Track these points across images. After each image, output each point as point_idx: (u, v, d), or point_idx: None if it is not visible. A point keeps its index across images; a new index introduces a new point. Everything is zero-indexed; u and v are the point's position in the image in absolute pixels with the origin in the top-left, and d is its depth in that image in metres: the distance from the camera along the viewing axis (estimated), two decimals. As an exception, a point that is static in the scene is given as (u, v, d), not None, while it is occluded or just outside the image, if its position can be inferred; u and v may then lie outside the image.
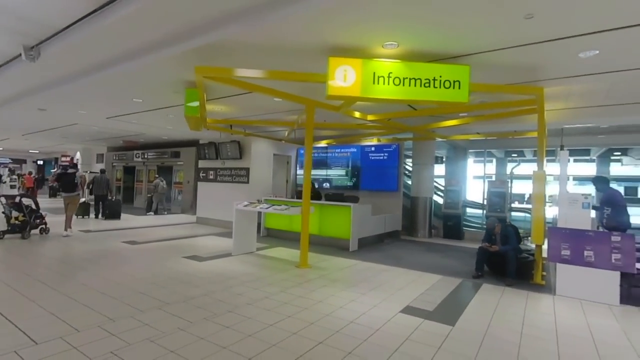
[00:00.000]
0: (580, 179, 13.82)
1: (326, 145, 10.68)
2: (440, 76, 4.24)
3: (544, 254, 5.07)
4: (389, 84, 4.22)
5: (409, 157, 10.40)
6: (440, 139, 9.46)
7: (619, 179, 14.80)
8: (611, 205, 5.33)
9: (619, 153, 13.37)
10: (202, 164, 10.82)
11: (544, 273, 5.29)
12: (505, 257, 5.13)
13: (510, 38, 3.72)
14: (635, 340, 3.28)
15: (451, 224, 9.45)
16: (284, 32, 3.81)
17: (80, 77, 5.71)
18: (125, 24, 3.78)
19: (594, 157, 13.35)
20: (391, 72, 4.21)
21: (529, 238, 6.67)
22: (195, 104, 5.92)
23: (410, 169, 10.26)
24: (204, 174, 10.70)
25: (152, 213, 12.76)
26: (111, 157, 17.50)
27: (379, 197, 9.47)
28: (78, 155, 19.56)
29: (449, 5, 3.15)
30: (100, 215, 10.92)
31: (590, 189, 12.87)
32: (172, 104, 7.52)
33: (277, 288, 4.47)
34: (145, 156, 15.36)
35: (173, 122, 9.67)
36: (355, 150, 10.17)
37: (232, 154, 9.75)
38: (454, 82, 4.25)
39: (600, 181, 5.75)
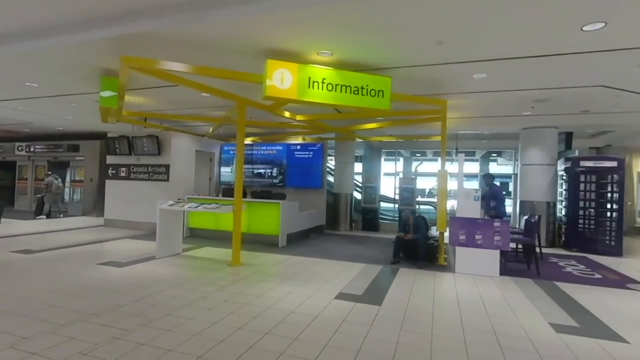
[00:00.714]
0: (467, 176, 16.39)
1: (252, 142, 10.64)
2: (367, 85, 4.73)
3: (446, 240, 6.05)
4: (323, 89, 4.54)
5: (331, 155, 11.04)
6: (359, 140, 10.28)
7: (496, 176, 17.96)
8: (495, 199, 6.60)
9: (496, 155, 16.30)
10: (111, 159, 9.74)
11: (446, 255, 6.31)
12: (417, 244, 5.96)
13: (424, 58, 4.38)
14: (511, 301, 4.23)
15: (369, 217, 10.39)
16: (222, 32, 3.82)
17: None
18: None
19: (478, 158, 16.00)
20: (325, 78, 4.54)
21: (432, 227, 7.80)
22: (112, 94, 5.43)
23: (333, 166, 10.91)
24: (114, 171, 9.66)
25: (44, 217, 11.00)
26: (-19, 149, 14.38)
27: (305, 193, 9.86)
28: None
29: (374, 29, 3.60)
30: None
31: (474, 184, 15.29)
32: (78, 92, 6.68)
33: (214, 287, 4.45)
34: (32, 149, 13.07)
35: (75, 111, 8.53)
36: (281, 148, 10.36)
37: (149, 150, 9.02)
38: (379, 91, 4.79)
39: (489, 177, 7.01)
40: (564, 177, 8.44)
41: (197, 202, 6.32)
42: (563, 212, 8.41)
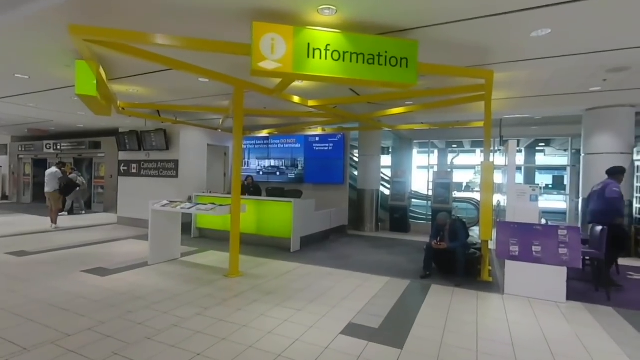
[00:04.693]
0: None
1: (267, 135, 9.81)
2: (386, 52, 3.63)
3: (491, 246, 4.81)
4: (326, 58, 3.51)
5: (354, 147, 9.95)
6: (386, 129, 9.09)
7: (542, 168, 15.77)
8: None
9: (544, 144, 14.22)
10: (122, 155, 9.35)
11: (491, 268, 5.08)
12: (454, 254, 4.79)
13: (463, 8, 3.20)
14: (590, 344, 3.01)
15: (398, 216, 9.20)
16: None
17: None
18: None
19: (522, 148, 14.04)
20: (329, 45, 3.51)
21: (473, 227, 6.51)
22: (88, 79, 4.74)
23: (357, 160, 9.82)
24: (126, 168, 9.26)
25: (66, 213, 10.94)
26: (17, 148, 14.88)
27: (325, 190, 8.89)
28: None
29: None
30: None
31: (519, 178, 13.40)
32: (71, 83, 6.13)
33: (194, 309, 3.61)
34: (58, 147, 13.20)
35: (82, 105, 8.11)
36: (298, 140, 9.43)
37: (157, 145, 8.47)
38: (401, 59, 3.67)
39: (620, 173, 4.97)
40: (644, 169, 6.77)
41: (195, 202, 5.56)
42: (642, 213, 6.77)
